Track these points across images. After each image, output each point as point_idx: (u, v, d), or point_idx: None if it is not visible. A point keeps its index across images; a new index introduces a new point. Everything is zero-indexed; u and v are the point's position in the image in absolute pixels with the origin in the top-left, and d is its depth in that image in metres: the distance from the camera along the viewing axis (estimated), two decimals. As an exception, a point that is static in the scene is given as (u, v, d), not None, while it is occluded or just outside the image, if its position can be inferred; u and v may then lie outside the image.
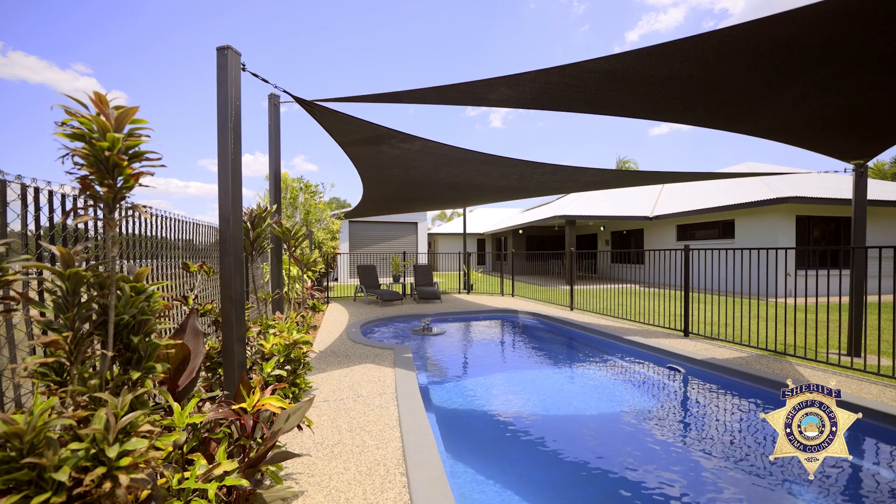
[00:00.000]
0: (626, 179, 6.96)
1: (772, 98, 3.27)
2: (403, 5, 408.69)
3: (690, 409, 3.65)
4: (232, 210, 2.47)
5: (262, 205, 3.68)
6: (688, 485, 2.44)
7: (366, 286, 10.23)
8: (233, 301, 2.46)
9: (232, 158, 2.49)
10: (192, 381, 1.80)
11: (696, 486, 2.44)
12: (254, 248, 3.22)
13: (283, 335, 2.75)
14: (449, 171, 5.52)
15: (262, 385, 2.55)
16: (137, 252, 2.74)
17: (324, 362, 4.43)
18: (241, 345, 2.52)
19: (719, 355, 4.67)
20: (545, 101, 3.54)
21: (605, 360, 5.27)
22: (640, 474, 2.56)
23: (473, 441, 3.14)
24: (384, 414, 2.99)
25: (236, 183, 2.50)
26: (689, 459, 2.75)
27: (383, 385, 3.66)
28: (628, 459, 2.74)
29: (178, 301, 2.76)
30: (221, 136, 2.47)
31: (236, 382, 2.47)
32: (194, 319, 1.87)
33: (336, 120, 3.69)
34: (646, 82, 2.96)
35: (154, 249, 2.92)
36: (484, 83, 3.18)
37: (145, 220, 2.81)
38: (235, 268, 2.47)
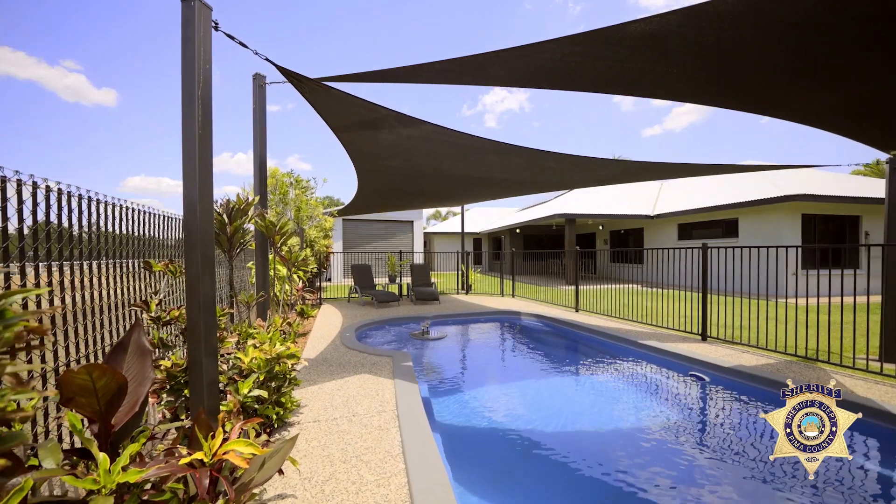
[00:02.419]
0: (649, 172, 6.45)
1: (822, 78, 2.90)
2: (402, 5, 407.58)
3: (733, 428, 3.25)
4: (199, 197, 2.03)
5: (243, 196, 3.22)
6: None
7: (360, 287, 9.76)
8: (201, 306, 2.01)
9: (200, 134, 2.04)
10: (134, 415, 1.35)
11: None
12: (232, 245, 2.77)
13: (264, 347, 2.30)
14: (453, 163, 5.10)
15: (237, 409, 2.11)
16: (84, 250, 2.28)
17: (315, 372, 3.98)
18: (212, 359, 2.07)
19: (745, 362, 4.32)
20: (562, 79, 3.13)
21: (623, 368, 4.88)
22: None
23: (488, 468, 2.73)
24: (384, 438, 2.56)
25: (205, 164, 2.06)
26: (743, 487, 2.36)
27: (382, 400, 3.23)
28: (667, 483, 2.35)
29: (138, 307, 2.30)
30: (186, 106, 2.02)
31: (204, 405, 2.03)
32: (139, 335, 1.43)
33: (329, 99, 3.25)
34: (687, 52, 2.57)
35: (98, 246, 2.45)
36: (494, 56, 2.76)
37: (80, 207, 2.33)
38: (204, 266, 2.03)
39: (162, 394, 2.16)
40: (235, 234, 2.72)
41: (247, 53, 4.01)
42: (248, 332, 2.68)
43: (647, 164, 5.52)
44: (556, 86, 3.30)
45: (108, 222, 2.34)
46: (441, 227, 30.79)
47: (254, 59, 4.29)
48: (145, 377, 1.43)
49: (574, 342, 6.23)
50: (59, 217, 2.05)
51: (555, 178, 6.12)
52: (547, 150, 4.45)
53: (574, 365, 5.19)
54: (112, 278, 2.42)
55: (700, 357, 4.45)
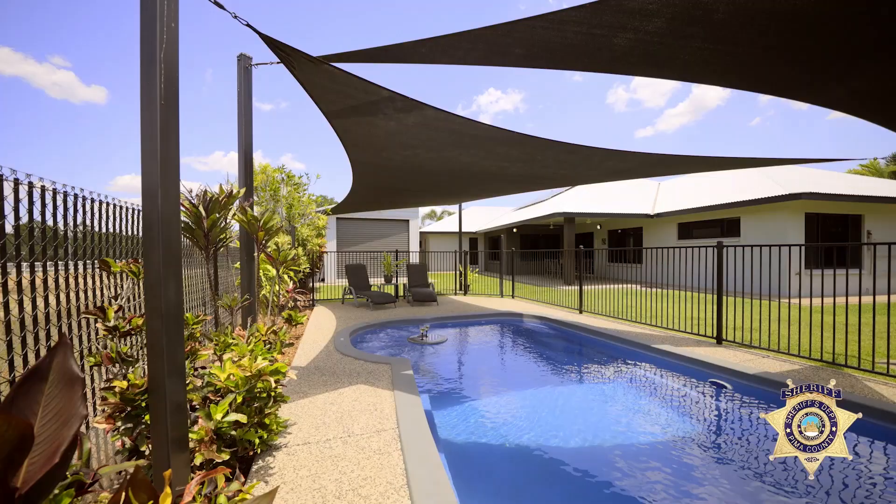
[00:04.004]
0: (668, 165, 5.96)
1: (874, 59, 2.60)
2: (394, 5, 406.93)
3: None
4: (161, 181, 1.66)
5: (227, 188, 2.85)
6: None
7: (355, 287, 9.38)
8: (163, 316, 1.65)
9: (163, 105, 1.67)
10: (56, 466, 0.99)
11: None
12: (209, 241, 2.40)
13: (242, 363, 1.95)
14: (457, 154, 4.74)
15: (210, 438, 1.75)
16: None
17: (306, 383, 3.62)
18: (178, 380, 1.71)
19: (768, 367, 4.04)
20: (588, 57, 2.80)
21: (639, 375, 4.56)
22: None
23: (506, 497, 2.40)
24: (385, 464, 2.21)
25: (169, 142, 1.69)
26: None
27: (381, 416, 2.88)
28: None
29: (92, 314, 1.93)
30: (146, 72, 1.65)
31: (167, 436, 1.67)
32: (65, 358, 1.07)
33: (321, 78, 2.89)
34: (737, 23, 2.25)
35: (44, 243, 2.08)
36: (509, 28, 2.43)
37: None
38: (167, 266, 1.67)
39: (118, 420, 1.79)
40: (213, 228, 2.35)
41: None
42: (226, 341, 2.32)
43: (668, 157, 5.19)
44: (582, 66, 2.97)
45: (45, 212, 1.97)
46: (436, 227, 30.42)
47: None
48: (72, 414, 1.07)
49: (583, 346, 5.92)
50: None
51: (569, 171, 5.74)
52: (569, 142, 4.11)
53: (587, 372, 4.87)
54: (66, 280, 2.04)
55: (721, 363, 4.17)
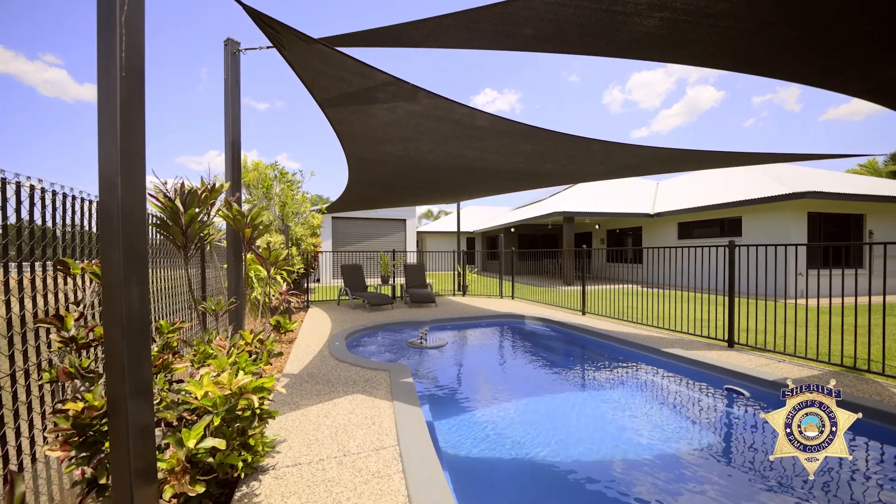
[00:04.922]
0: (681, 162, 5.68)
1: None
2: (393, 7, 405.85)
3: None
4: (123, 167, 1.41)
5: (209, 181, 2.59)
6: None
7: (351, 288, 9.11)
8: (123, 328, 1.40)
9: (123, 77, 1.42)
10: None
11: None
12: (188, 239, 2.14)
13: (221, 379, 1.70)
14: (460, 148, 4.50)
15: (182, 468, 1.50)
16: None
17: (298, 392, 3.36)
18: (142, 400, 1.45)
19: (787, 373, 3.84)
20: (604, 39, 2.58)
21: (653, 380, 4.33)
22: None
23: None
24: (385, 490, 1.97)
25: (132, 123, 1.43)
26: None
27: (380, 431, 2.63)
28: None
29: (48, 323, 1.66)
30: (104, 39, 1.39)
31: (130, 466, 1.41)
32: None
33: (315, 61, 2.64)
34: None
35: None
36: (524, 5, 2.20)
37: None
38: (129, 267, 1.41)
39: (73, 447, 1.54)
40: (191, 224, 2.10)
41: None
42: (206, 351, 2.07)
43: (681, 152, 4.93)
44: (592, 49, 2.74)
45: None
46: (433, 227, 30.17)
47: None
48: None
49: (590, 350, 5.70)
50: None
51: (579, 166, 5.47)
52: (581, 136, 3.87)
53: (598, 378, 4.65)
54: (20, 284, 1.78)
55: (737, 368, 3.96)
